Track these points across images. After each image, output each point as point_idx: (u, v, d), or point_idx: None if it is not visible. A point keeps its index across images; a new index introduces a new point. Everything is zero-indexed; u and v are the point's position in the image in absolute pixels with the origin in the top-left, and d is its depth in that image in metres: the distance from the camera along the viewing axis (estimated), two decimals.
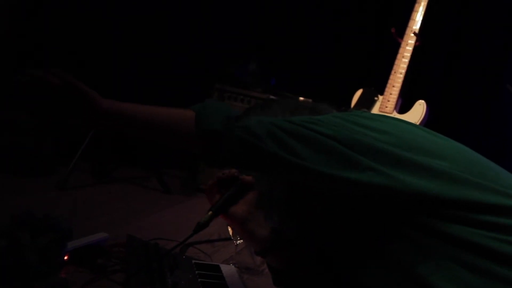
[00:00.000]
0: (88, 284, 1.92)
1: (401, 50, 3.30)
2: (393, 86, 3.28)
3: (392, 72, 3.30)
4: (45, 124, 3.69)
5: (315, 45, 4.00)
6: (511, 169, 1.52)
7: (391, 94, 3.28)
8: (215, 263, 2.23)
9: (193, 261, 2.13)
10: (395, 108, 3.25)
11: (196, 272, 2.01)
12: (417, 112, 3.21)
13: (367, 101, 3.36)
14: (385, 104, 3.27)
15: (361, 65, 3.87)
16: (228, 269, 2.17)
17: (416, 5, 3.31)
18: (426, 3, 3.29)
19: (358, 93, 3.40)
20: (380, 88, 3.33)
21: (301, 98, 3.53)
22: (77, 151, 3.39)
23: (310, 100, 3.52)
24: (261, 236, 1.69)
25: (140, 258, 1.98)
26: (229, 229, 2.29)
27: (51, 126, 3.77)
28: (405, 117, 3.21)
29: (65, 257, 2.07)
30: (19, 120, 3.67)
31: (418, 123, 3.16)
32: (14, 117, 3.67)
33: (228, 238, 2.45)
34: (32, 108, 1.53)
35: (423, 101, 3.23)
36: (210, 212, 1.65)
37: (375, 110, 3.29)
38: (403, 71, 3.27)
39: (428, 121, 3.21)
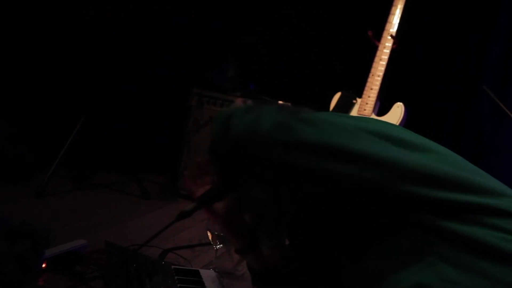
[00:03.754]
0: None
1: (378, 53, 3.32)
2: (371, 89, 3.29)
3: (370, 75, 3.31)
4: (23, 131, 3.67)
5: (293, 49, 4.01)
6: (486, 170, 1.52)
7: (369, 96, 3.29)
8: (195, 268, 2.22)
9: (173, 266, 2.12)
10: (373, 111, 3.27)
11: (176, 277, 2.00)
12: (395, 114, 3.23)
13: (346, 104, 3.37)
14: (364, 107, 3.28)
15: (339, 68, 3.88)
16: (208, 274, 2.16)
17: (393, 8, 3.33)
18: (403, 6, 3.30)
19: (337, 96, 3.41)
20: (358, 91, 3.35)
21: (280, 102, 3.54)
22: (55, 157, 3.37)
23: (289, 104, 3.53)
24: (243, 234, 1.69)
25: (119, 264, 1.97)
26: (209, 234, 2.29)
27: (29, 133, 3.75)
28: (384, 119, 3.22)
29: (43, 265, 2.05)
30: None
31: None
32: None
33: (208, 243, 2.44)
34: None
35: (401, 103, 3.25)
36: (194, 204, 1.64)
37: (354, 113, 3.30)
38: (381, 73, 3.28)
39: (406, 123, 3.23)
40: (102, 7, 3.62)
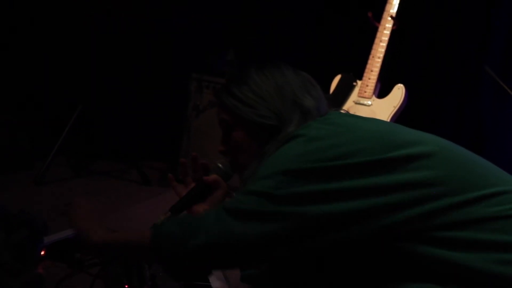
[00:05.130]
0: (65, 279, 1.89)
1: (378, 35, 3.28)
2: (371, 71, 3.26)
3: (370, 56, 3.28)
4: (21, 119, 3.65)
5: (292, 33, 3.98)
6: (489, 153, 1.50)
7: (369, 79, 3.26)
8: None
9: None
10: (374, 93, 3.24)
11: None
12: (396, 96, 3.20)
13: (346, 87, 3.34)
14: (364, 89, 3.25)
15: (339, 50, 3.85)
16: None
17: None
18: None
19: (337, 79, 3.38)
20: (359, 73, 3.32)
21: None
22: (54, 145, 3.35)
23: None
24: None
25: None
26: None
27: (27, 121, 3.73)
28: (384, 101, 3.20)
29: (42, 252, 2.03)
30: None
31: (397, 107, 3.16)
32: None
33: None
34: None
35: (401, 85, 3.22)
36: (168, 213, 1.65)
37: (354, 95, 3.27)
38: (381, 55, 3.25)
39: (407, 105, 3.20)
40: None
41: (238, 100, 1.54)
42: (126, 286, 1.66)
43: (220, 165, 1.74)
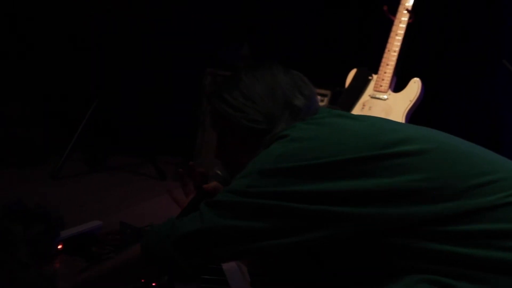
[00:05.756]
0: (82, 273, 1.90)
1: (394, 28, 3.26)
2: (387, 65, 3.24)
3: (386, 50, 3.26)
4: (37, 114, 3.66)
5: (307, 26, 3.96)
6: (507, 149, 1.48)
7: (385, 72, 3.24)
8: None
9: None
10: (389, 87, 3.22)
11: None
12: (412, 90, 3.18)
13: (361, 81, 3.32)
14: (380, 83, 3.23)
15: (354, 44, 3.83)
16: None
17: None
18: None
19: (352, 73, 3.36)
20: (374, 67, 3.30)
21: None
22: (69, 140, 3.36)
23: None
24: None
25: (133, 244, 1.95)
26: None
27: (43, 115, 3.74)
28: (400, 95, 3.18)
29: (59, 246, 2.05)
30: (11, 111, 3.64)
31: (413, 101, 3.14)
32: (5, 108, 3.64)
33: None
34: None
35: (418, 78, 3.19)
36: None
37: (370, 89, 3.26)
38: (397, 49, 3.23)
39: (423, 99, 3.18)
40: None
41: (229, 106, 1.55)
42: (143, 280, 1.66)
43: (219, 172, 1.75)
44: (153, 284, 1.70)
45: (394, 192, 1.31)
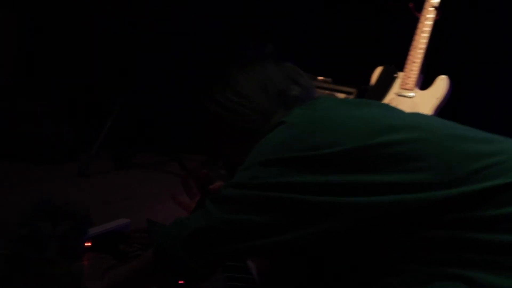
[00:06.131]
0: (110, 270, 1.91)
1: (420, 25, 3.24)
2: (414, 62, 3.22)
3: (412, 48, 3.24)
4: (65, 111, 3.69)
5: (333, 23, 3.95)
6: None
7: (411, 70, 3.22)
8: None
9: None
10: (416, 85, 3.20)
11: None
12: (439, 88, 3.16)
13: (387, 79, 3.31)
14: (406, 81, 3.22)
15: (380, 42, 3.81)
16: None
17: None
18: None
19: (378, 70, 3.35)
20: (400, 65, 3.28)
21: (320, 78, 3.50)
22: (96, 138, 3.39)
23: (330, 80, 3.49)
24: None
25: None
26: None
27: (70, 113, 3.78)
28: (427, 93, 3.16)
29: (87, 244, 2.06)
30: (39, 108, 3.68)
31: (440, 99, 3.12)
32: (33, 106, 3.68)
33: None
34: None
35: (445, 76, 3.17)
36: None
37: (396, 87, 3.24)
38: (423, 46, 3.21)
39: (450, 96, 3.16)
40: None
41: (222, 107, 1.53)
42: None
43: (222, 172, 1.73)
44: (180, 282, 1.70)
45: (403, 181, 1.25)
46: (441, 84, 3.16)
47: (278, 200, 1.29)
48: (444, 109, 3.13)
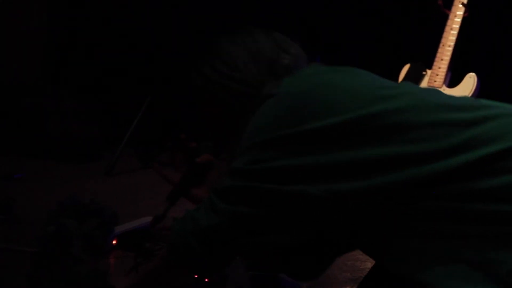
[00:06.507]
0: (135, 268, 1.92)
1: (449, 22, 3.20)
2: (442, 60, 3.18)
3: (440, 45, 3.20)
4: (91, 110, 3.72)
5: (360, 20, 3.92)
6: None
7: (439, 68, 3.19)
8: None
9: None
10: (444, 82, 3.16)
11: None
12: (468, 85, 3.12)
13: (415, 76, 3.27)
14: (434, 78, 3.18)
15: (407, 39, 3.78)
16: None
17: None
18: None
19: (406, 68, 3.32)
20: (428, 62, 3.25)
21: None
22: (123, 136, 3.41)
23: None
24: None
25: None
26: None
27: (97, 112, 3.80)
28: (455, 91, 3.12)
29: (114, 242, 2.07)
30: (67, 107, 3.71)
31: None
32: (61, 105, 3.71)
33: None
34: None
35: (473, 73, 3.13)
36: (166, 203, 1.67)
37: (424, 85, 3.21)
38: (452, 43, 3.17)
39: (479, 94, 3.12)
40: None
41: (210, 80, 1.46)
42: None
43: (209, 144, 1.69)
44: (206, 280, 1.70)
45: (404, 153, 1.20)
46: (470, 81, 3.12)
47: (275, 194, 1.24)
48: None
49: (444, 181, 1.18)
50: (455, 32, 3.18)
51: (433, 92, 1.41)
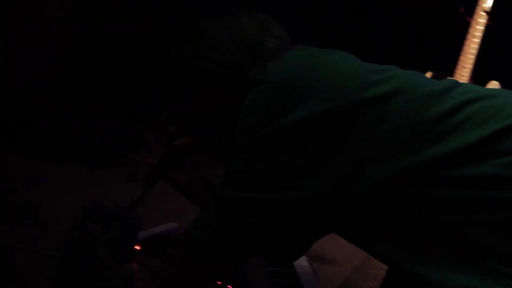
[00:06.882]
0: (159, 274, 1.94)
1: (471, 30, 3.20)
2: (464, 68, 3.18)
3: (462, 53, 3.20)
4: (113, 115, 3.74)
5: (382, 27, 3.92)
6: None
7: (462, 76, 3.18)
8: None
9: None
10: None
11: None
12: None
13: None
14: None
15: (429, 47, 3.77)
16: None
17: None
18: None
19: (427, 76, 3.31)
20: (450, 70, 3.24)
21: None
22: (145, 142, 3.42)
23: None
24: (204, 199, 1.65)
25: None
26: None
27: (118, 117, 3.82)
28: None
29: (137, 247, 2.09)
30: (89, 112, 3.74)
31: None
32: (84, 109, 3.74)
33: None
34: None
35: (496, 82, 3.12)
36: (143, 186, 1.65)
37: None
38: (474, 51, 3.16)
39: None
40: None
41: (192, 64, 1.42)
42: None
43: (171, 128, 1.75)
44: (229, 286, 1.71)
45: (401, 141, 1.19)
46: None
47: (276, 202, 1.23)
48: None
49: (435, 167, 1.16)
50: (477, 40, 3.17)
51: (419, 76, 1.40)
